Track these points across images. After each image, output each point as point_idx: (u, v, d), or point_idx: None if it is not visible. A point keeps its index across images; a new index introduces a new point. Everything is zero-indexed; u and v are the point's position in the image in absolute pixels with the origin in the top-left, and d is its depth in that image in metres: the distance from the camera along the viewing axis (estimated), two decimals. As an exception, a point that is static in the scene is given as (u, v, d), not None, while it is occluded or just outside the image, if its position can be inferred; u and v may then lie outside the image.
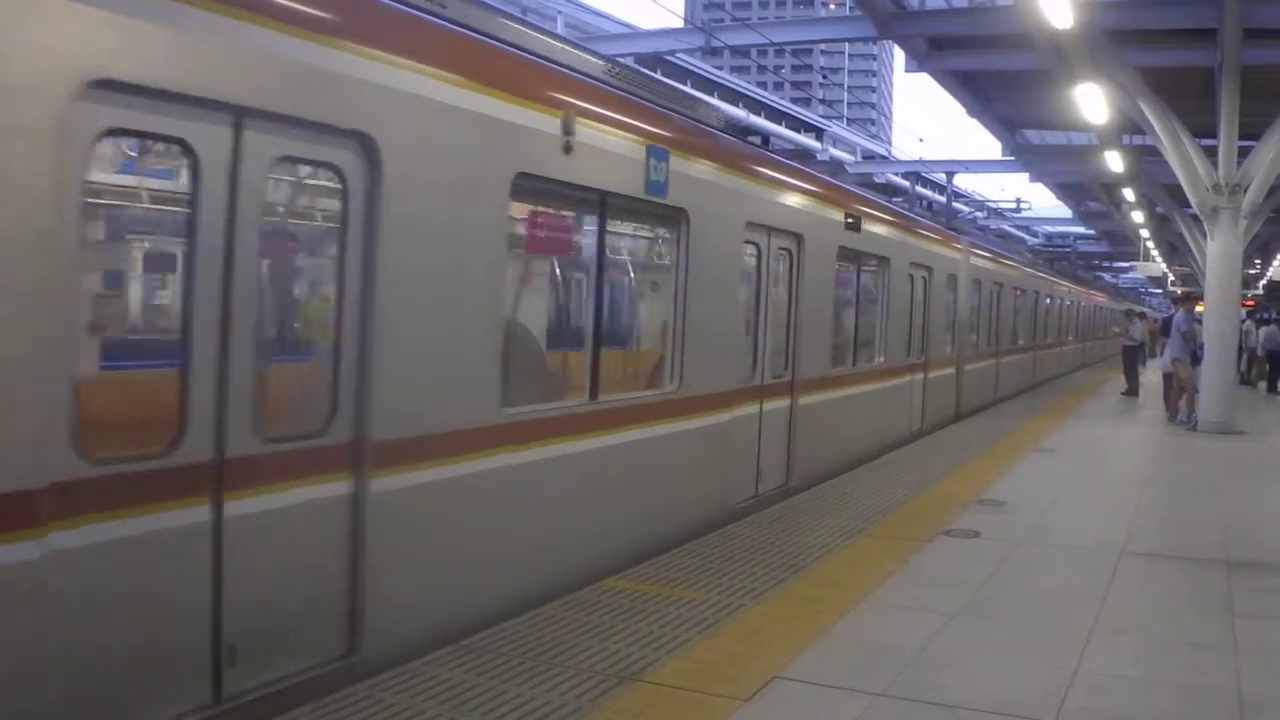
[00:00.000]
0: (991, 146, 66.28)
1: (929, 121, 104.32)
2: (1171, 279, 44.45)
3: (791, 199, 9.19)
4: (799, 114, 27.48)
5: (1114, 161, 18.83)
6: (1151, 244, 34.93)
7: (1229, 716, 4.41)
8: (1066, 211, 38.59)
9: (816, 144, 25.67)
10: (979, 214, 36.83)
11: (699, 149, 7.49)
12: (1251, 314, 28.04)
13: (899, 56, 26.67)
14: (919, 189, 29.18)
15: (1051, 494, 9.49)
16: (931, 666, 4.84)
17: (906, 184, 28.91)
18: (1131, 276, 60.83)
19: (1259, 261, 36.66)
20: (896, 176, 29.77)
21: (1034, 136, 24.81)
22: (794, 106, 28.28)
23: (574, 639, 4.98)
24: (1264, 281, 40.55)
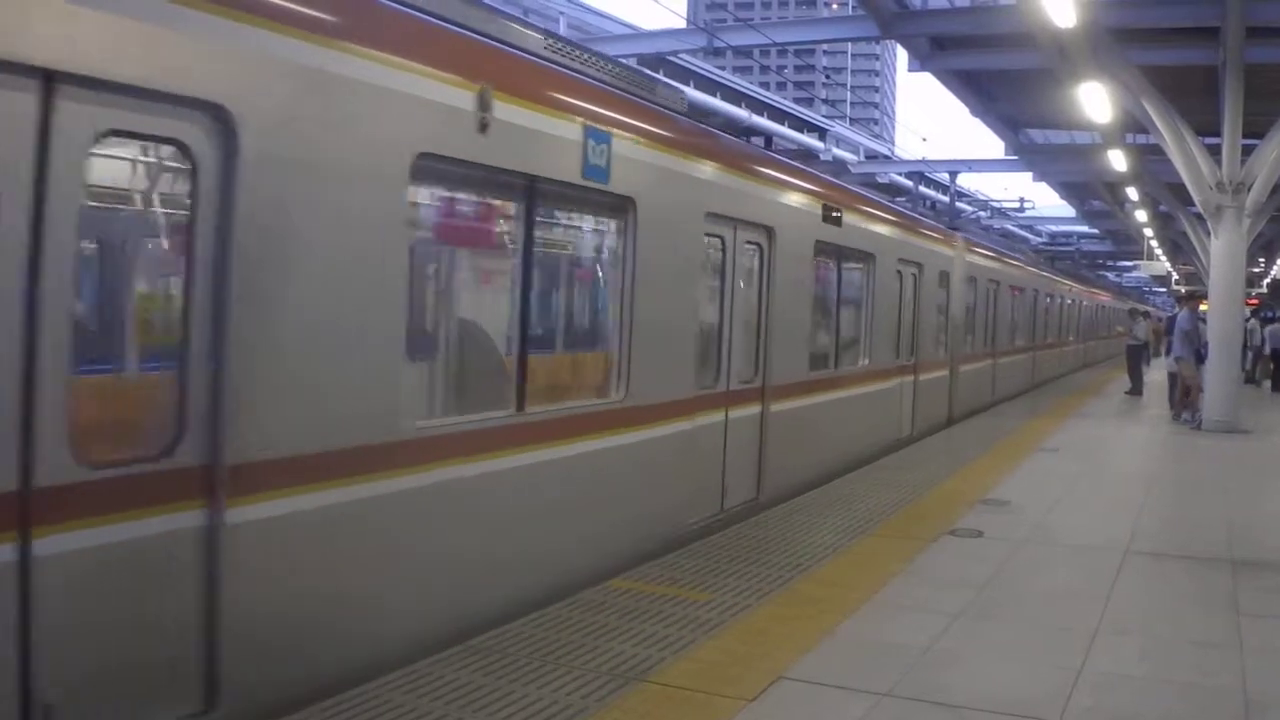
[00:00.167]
0: (995, 146, 66.49)
1: (932, 121, 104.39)
2: (1175, 278, 44.36)
3: (761, 189, 8.56)
4: (802, 114, 27.42)
5: (1117, 160, 18.81)
6: (1155, 243, 34.86)
7: (1234, 716, 4.42)
8: (1070, 211, 38.53)
9: (820, 144, 25.63)
10: (983, 214, 36.81)
11: (649, 132, 6.83)
12: (1256, 313, 28.00)
13: (902, 56, 26.67)
14: (922, 189, 29.17)
15: (1055, 493, 9.49)
16: (936, 666, 4.85)
17: (910, 184, 28.91)
18: (1135, 275, 60.73)
19: (1263, 260, 36.58)
20: (900, 176, 29.75)
21: (1037, 136, 24.77)
22: (797, 107, 28.20)
23: (579, 639, 4.99)
24: (1268, 280, 40.48)
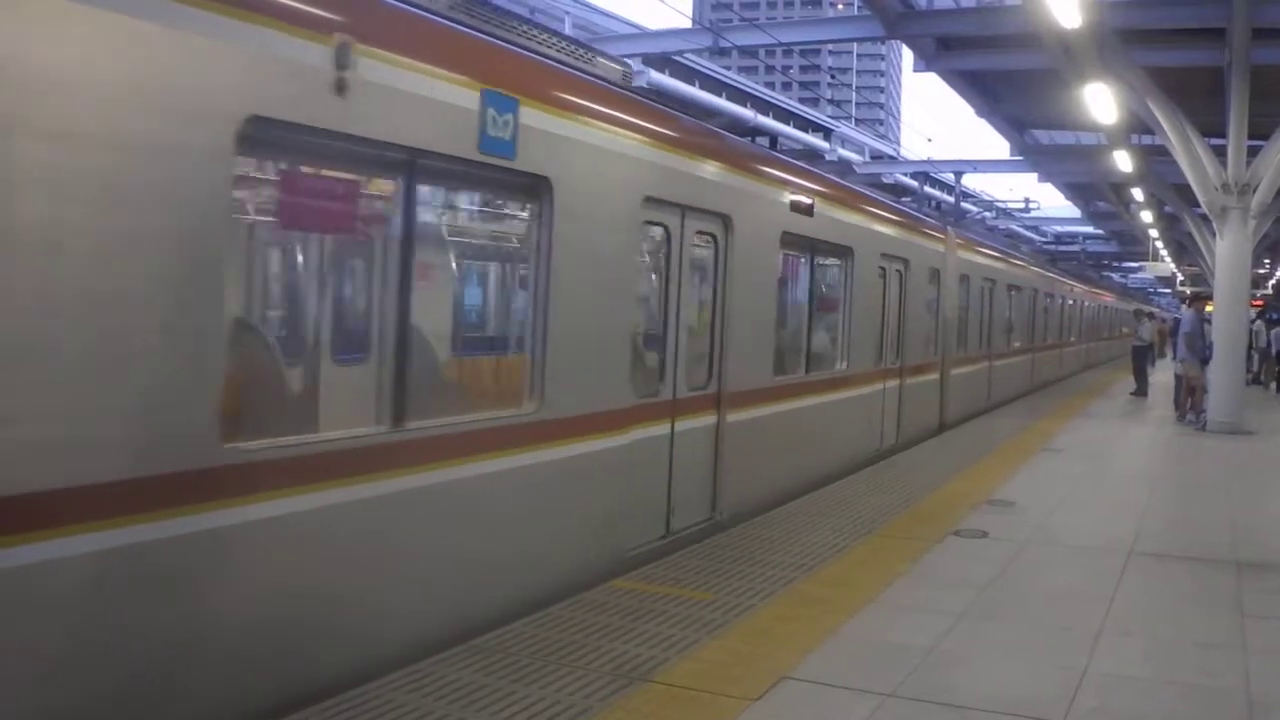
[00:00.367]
0: (1000, 146, 66.41)
1: (937, 121, 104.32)
2: (1180, 279, 44.36)
3: (714, 172, 7.60)
4: (807, 114, 27.42)
5: (1123, 161, 18.79)
6: (1160, 244, 34.84)
7: (1238, 717, 4.42)
8: (1075, 211, 38.52)
9: (824, 144, 25.62)
10: (988, 214, 36.78)
11: (569, 102, 5.93)
12: (1262, 314, 27.96)
13: (907, 56, 26.63)
14: (927, 189, 29.14)
15: (1060, 494, 9.49)
16: (940, 667, 4.85)
17: (915, 184, 28.89)
18: (1140, 276, 60.71)
19: (1268, 261, 36.58)
20: (905, 176, 29.74)
21: (1043, 136, 24.75)
22: (802, 106, 28.22)
23: (582, 639, 5.00)
24: (1273, 281, 40.44)
